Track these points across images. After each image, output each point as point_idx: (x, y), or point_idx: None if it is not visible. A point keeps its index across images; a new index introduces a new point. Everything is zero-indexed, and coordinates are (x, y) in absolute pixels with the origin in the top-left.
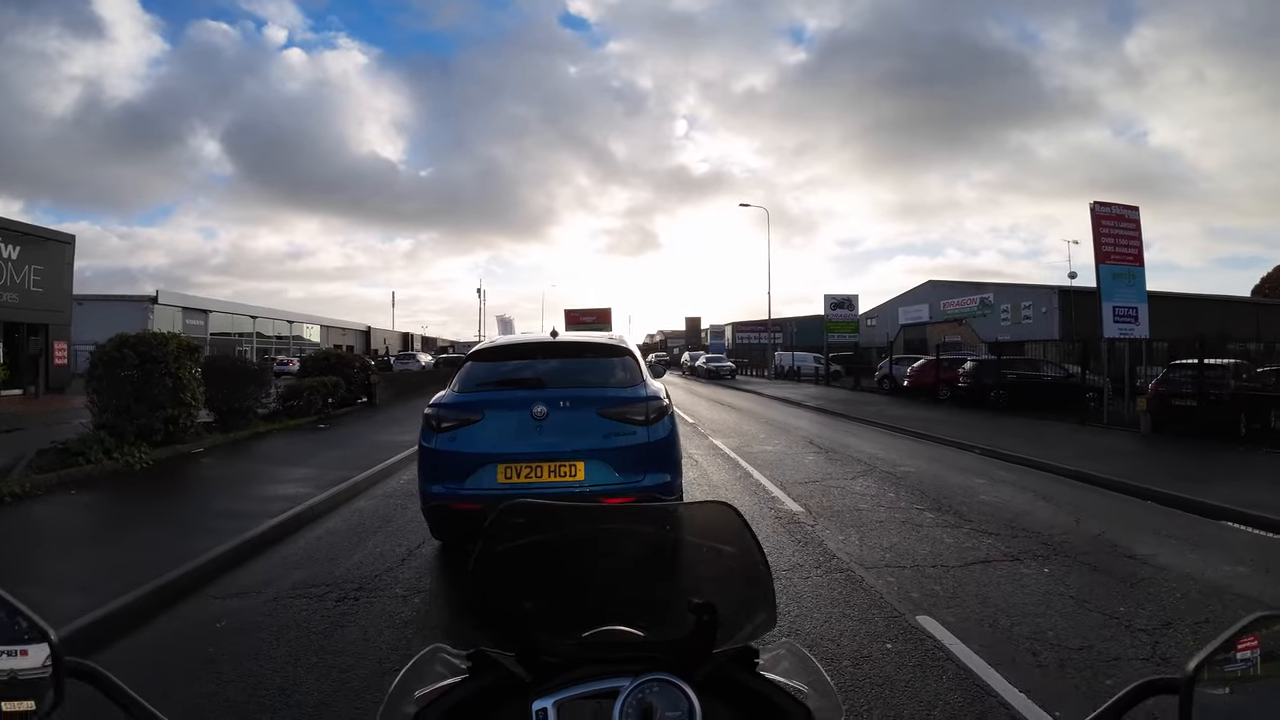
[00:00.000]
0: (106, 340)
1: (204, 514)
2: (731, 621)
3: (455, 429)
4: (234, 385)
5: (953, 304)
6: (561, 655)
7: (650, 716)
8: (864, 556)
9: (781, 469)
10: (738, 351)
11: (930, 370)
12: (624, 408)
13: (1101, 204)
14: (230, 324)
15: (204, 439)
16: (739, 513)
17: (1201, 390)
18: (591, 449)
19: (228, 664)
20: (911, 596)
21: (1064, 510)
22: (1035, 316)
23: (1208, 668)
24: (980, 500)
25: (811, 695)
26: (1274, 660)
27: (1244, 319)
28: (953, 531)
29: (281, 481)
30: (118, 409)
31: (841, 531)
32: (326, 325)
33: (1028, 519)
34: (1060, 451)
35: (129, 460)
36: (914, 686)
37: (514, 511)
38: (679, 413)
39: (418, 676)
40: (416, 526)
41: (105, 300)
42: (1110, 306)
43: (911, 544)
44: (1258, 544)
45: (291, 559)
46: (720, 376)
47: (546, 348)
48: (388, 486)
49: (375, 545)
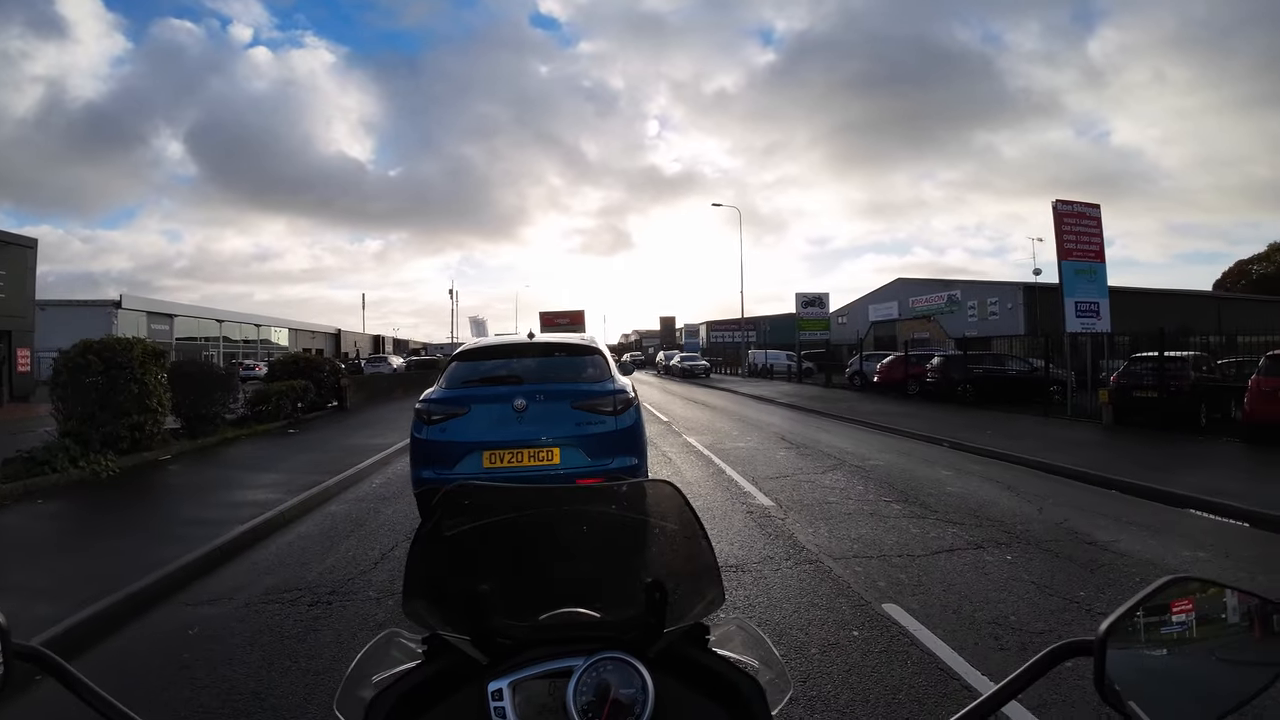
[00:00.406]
0: (70, 346)
1: (173, 521)
2: (682, 600)
3: (444, 421)
4: (201, 391)
5: (921, 301)
6: (516, 637)
7: (605, 694)
8: (832, 548)
9: (754, 465)
10: (712, 350)
11: (899, 366)
12: (594, 400)
13: (1064, 202)
14: (196, 328)
15: (171, 446)
16: (680, 491)
17: (1162, 382)
18: (566, 436)
19: (202, 670)
20: (878, 585)
21: (1028, 500)
22: (1001, 312)
23: (1120, 630)
24: (946, 491)
25: (762, 670)
26: (1183, 620)
27: (1206, 313)
28: (919, 522)
29: (251, 487)
30: (83, 416)
31: (811, 524)
32: (295, 328)
33: (992, 509)
34: (1025, 443)
35: (95, 468)
36: (880, 672)
37: (460, 493)
38: (654, 411)
39: (374, 661)
40: (389, 530)
41: (68, 305)
42: (1073, 302)
43: (879, 534)
44: (1217, 530)
45: (263, 565)
46: (695, 375)
47: (525, 348)
48: (359, 491)
49: (348, 549)
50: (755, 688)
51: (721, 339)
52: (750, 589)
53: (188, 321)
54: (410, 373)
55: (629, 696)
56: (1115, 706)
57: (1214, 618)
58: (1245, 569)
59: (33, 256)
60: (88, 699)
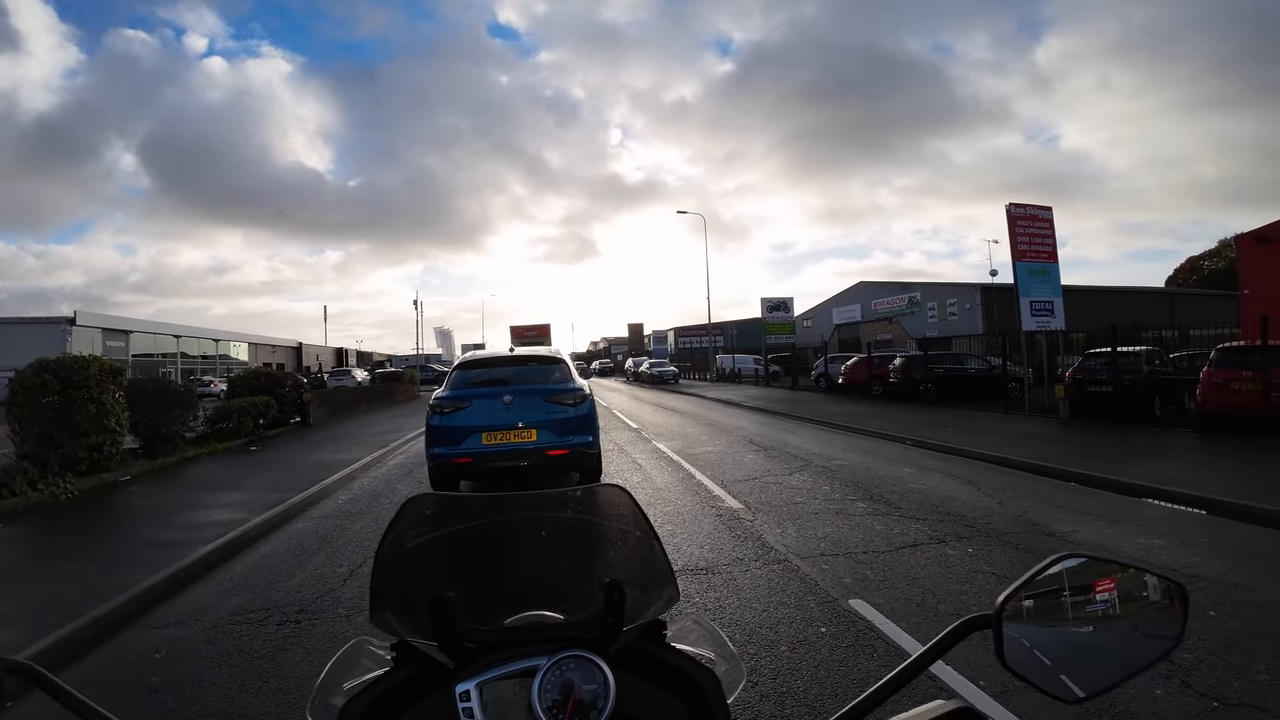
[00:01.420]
0: (26, 366)
1: (135, 544)
2: (640, 598)
3: (453, 412)
4: (159, 409)
5: (883, 303)
6: (482, 641)
7: (569, 691)
8: (800, 547)
9: (722, 469)
10: (680, 356)
11: (863, 367)
12: (560, 395)
13: (1017, 205)
14: (153, 344)
15: (130, 466)
16: (630, 494)
17: (1116, 376)
18: (540, 421)
19: (170, 693)
20: (844, 582)
21: (988, 494)
22: (960, 313)
23: (1014, 604)
24: (910, 489)
25: (718, 661)
26: (1071, 593)
27: (1159, 308)
28: (883, 519)
29: (214, 507)
30: (40, 438)
31: (779, 525)
32: (255, 343)
33: (954, 504)
34: (985, 439)
35: (54, 491)
36: (847, 666)
37: (420, 503)
38: (624, 418)
39: (343, 670)
40: (356, 546)
41: (20, 323)
42: (1028, 301)
43: (845, 533)
44: (1173, 517)
45: (229, 585)
46: (664, 381)
47: (508, 359)
48: (326, 507)
49: (315, 567)
50: (711, 679)
51: (689, 344)
52: (720, 590)
53: (144, 338)
54: (375, 386)
55: (591, 693)
56: (1017, 674)
57: (1104, 592)
58: (1200, 554)
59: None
60: (80, 712)
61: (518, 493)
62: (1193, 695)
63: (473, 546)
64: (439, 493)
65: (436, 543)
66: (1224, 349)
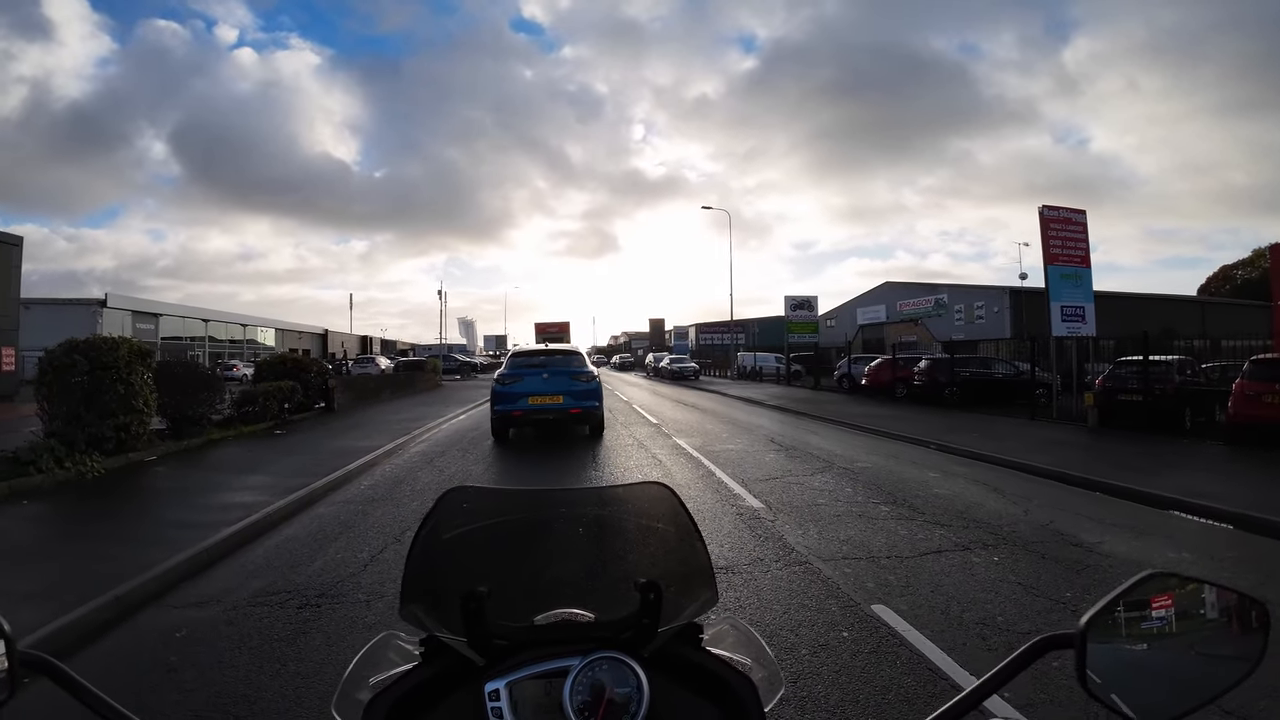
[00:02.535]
0: (56, 345)
1: (160, 523)
2: (676, 600)
3: (511, 383)
4: (187, 391)
5: (909, 305)
6: (512, 639)
7: (600, 693)
8: (822, 549)
9: (743, 467)
10: (701, 352)
11: (887, 369)
12: (578, 375)
13: (1050, 208)
14: (182, 328)
15: (157, 447)
16: (674, 493)
17: (1147, 385)
18: (565, 390)
19: (190, 673)
20: (867, 586)
21: (1014, 502)
22: (988, 316)
23: (1100, 623)
24: (934, 493)
25: (754, 668)
26: (1161, 615)
27: (1190, 317)
28: (907, 524)
29: (238, 489)
30: (68, 416)
31: (800, 526)
32: (282, 328)
33: (979, 510)
34: (1011, 445)
35: (81, 469)
36: (869, 672)
37: (459, 496)
38: (643, 413)
39: (371, 663)
40: (378, 532)
41: (53, 304)
42: (1058, 306)
43: (867, 536)
44: (1201, 531)
45: (250, 567)
46: (684, 377)
47: (546, 351)
48: (347, 493)
49: (336, 552)
50: (748, 686)
51: (710, 341)
52: (741, 590)
53: (173, 321)
54: (399, 374)
55: (624, 695)
56: (1097, 698)
57: (1191, 612)
58: (1228, 570)
59: (18, 254)
60: (93, 706)
61: (559, 489)
62: (1217, 714)
63: (507, 541)
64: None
65: (471, 536)
66: (1257, 361)
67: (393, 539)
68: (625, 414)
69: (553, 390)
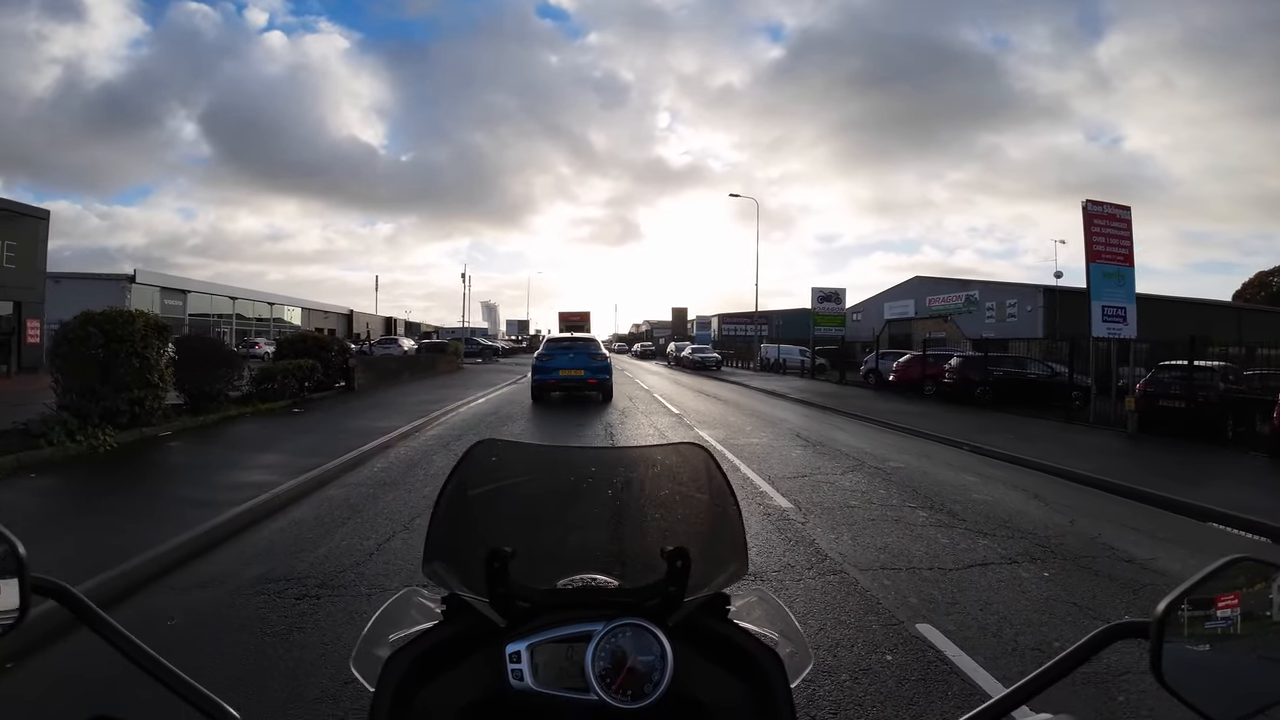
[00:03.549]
0: (72, 318)
1: (166, 501)
2: (704, 569)
3: (547, 360)
4: (206, 367)
5: (938, 300)
6: (535, 601)
7: (622, 661)
8: (858, 557)
9: (769, 463)
10: (723, 343)
11: (916, 365)
12: (595, 355)
13: (1094, 203)
14: (209, 305)
15: (173, 422)
16: (711, 455)
17: (1190, 392)
18: (585, 366)
19: (180, 658)
20: (909, 602)
21: (1057, 510)
22: (1020, 314)
23: (1178, 611)
24: (973, 499)
25: (782, 642)
26: (1243, 601)
27: (1225, 323)
28: (947, 531)
29: (249, 468)
30: (82, 390)
31: (833, 530)
32: (308, 308)
33: (1022, 519)
34: (1049, 449)
35: (93, 443)
36: (918, 703)
37: (488, 449)
38: (665, 403)
39: (391, 620)
40: (387, 518)
41: (83, 279)
42: (1100, 306)
43: (906, 544)
44: (1255, 549)
45: (253, 551)
46: (706, 368)
47: (572, 338)
48: (360, 475)
49: (342, 538)
50: (775, 660)
51: (733, 332)
52: None
53: (201, 298)
54: (420, 356)
55: (646, 664)
56: (1172, 690)
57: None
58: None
59: (44, 228)
60: (106, 635)
61: (590, 447)
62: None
63: (534, 500)
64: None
65: (497, 493)
66: None
67: (401, 526)
68: (646, 403)
69: (577, 366)
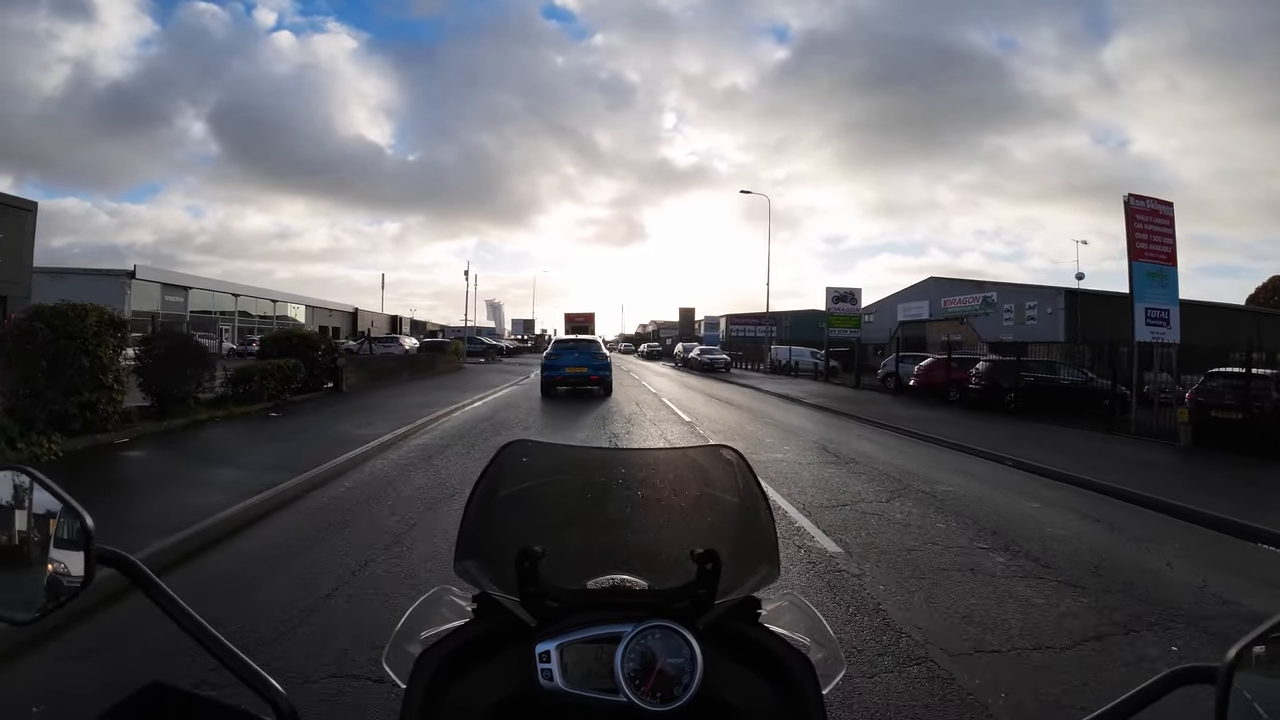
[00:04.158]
0: (18, 312)
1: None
2: (735, 571)
3: (555, 359)
4: (174, 366)
5: (954, 302)
6: (565, 601)
7: (652, 662)
8: (940, 632)
9: (800, 486)
10: (731, 344)
11: (940, 369)
12: (596, 355)
13: (1137, 197)
14: (211, 301)
15: (133, 426)
16: (743, 458)
17: (1245, 401)
18: (588, 364)
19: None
20: (1026, 710)
21: (1144, 547)
22: (1040, 317)
23: (1250, 655)
24: (1048, 535)
25: (813, 647)
26: None
27: (1242, 327)
28: (1035, 584)
29: (199, 485)
30: (29, 392)
31: (900, 587)
32: (313, 305)
33: (1112, 563)
34: (1102, 466)
35: (35, 451)
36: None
37: (518, 449)
38: (674, 409)
39: (423, 618)
40: (341, 559)
41: (82, 274)
42: (1143, 308)
43: (993, 608)
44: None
45: (154, 612)
46: (715, 370)
47: (575, 340)
48: (322, 497)
49: (283, 585)
50: (806, 665)
51: (741, 333)
52: (839, 714)
53: (203, 295)
54: (419, 356)
55: (676, 667)
56: None
57: None
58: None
59: (32, 220)
60: (165, 606)
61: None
62: None
63: (564, 501)
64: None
65: (528, 493)
66: None
67: (350, 572)
68: (654, 409)
69: (580, 364)
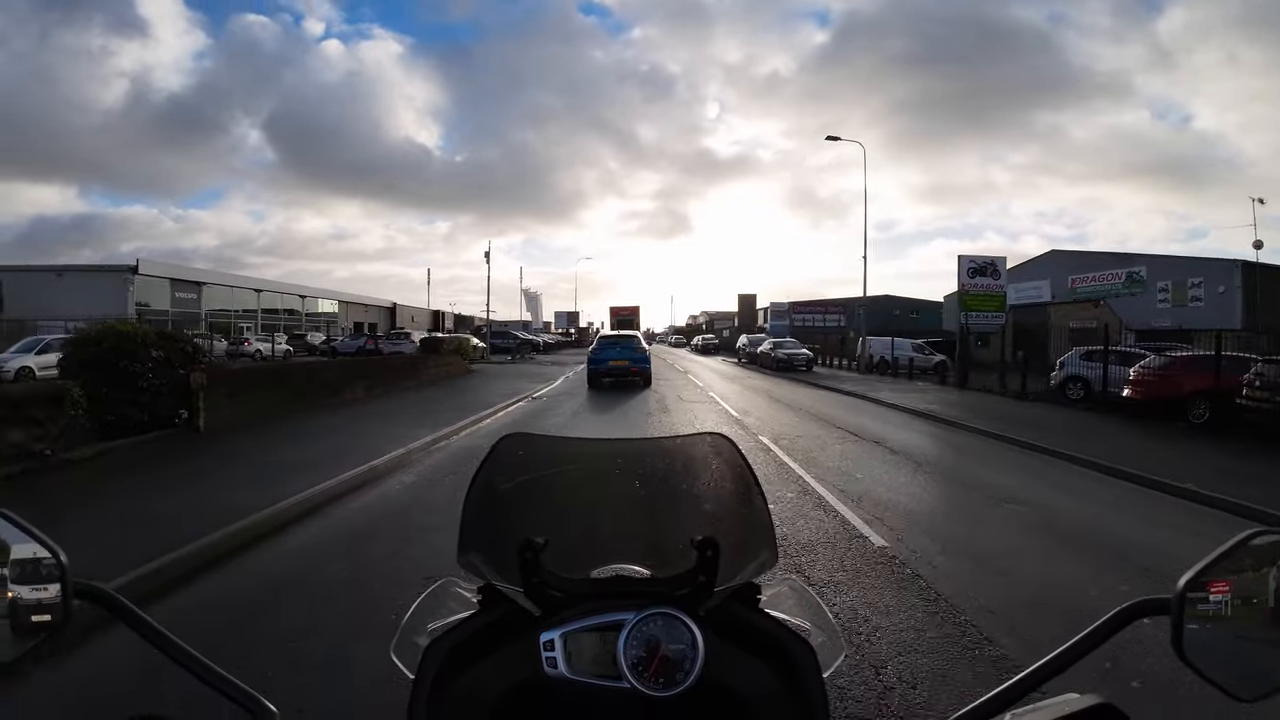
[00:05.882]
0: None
1: None
2: (735, 558)
3: (599, 353)
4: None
5: (1086, 280)
6: (568, 591)
7: (654, 649)
8: None
9: None
10: (797, 335)
11: (1185, 373)
12: (637, 349)
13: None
14: (230, 298)
15: None
16: (735, 445)
17: None
18: (629, 357)
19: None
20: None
21: None
22: (1208, 297)
23: (1198, 587)
24: None
25: (814, 631)
26: (1265, 574)
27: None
28: None
29: None
30: None
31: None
32: (346, 300)
33: None
34: None
35: None
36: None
37: (514, 443)
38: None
39: (429, 609)
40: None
41: (86, 271)
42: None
43: None
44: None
45: None
46: (793, 368)
47: (618, 335)
48: None
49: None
50: (806, 650)
51: (806, 322)
52: None
53: (220, 291)
54: (414, 355)
55: (678, 652)
56: (1193, 666)
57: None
58: None
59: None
60: (146, 634)
61: (616, 439)
62: None
63: (563, 492)
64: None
65: (527, 485)
66: None
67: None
68: (745, 444)
69: (623, 358)
